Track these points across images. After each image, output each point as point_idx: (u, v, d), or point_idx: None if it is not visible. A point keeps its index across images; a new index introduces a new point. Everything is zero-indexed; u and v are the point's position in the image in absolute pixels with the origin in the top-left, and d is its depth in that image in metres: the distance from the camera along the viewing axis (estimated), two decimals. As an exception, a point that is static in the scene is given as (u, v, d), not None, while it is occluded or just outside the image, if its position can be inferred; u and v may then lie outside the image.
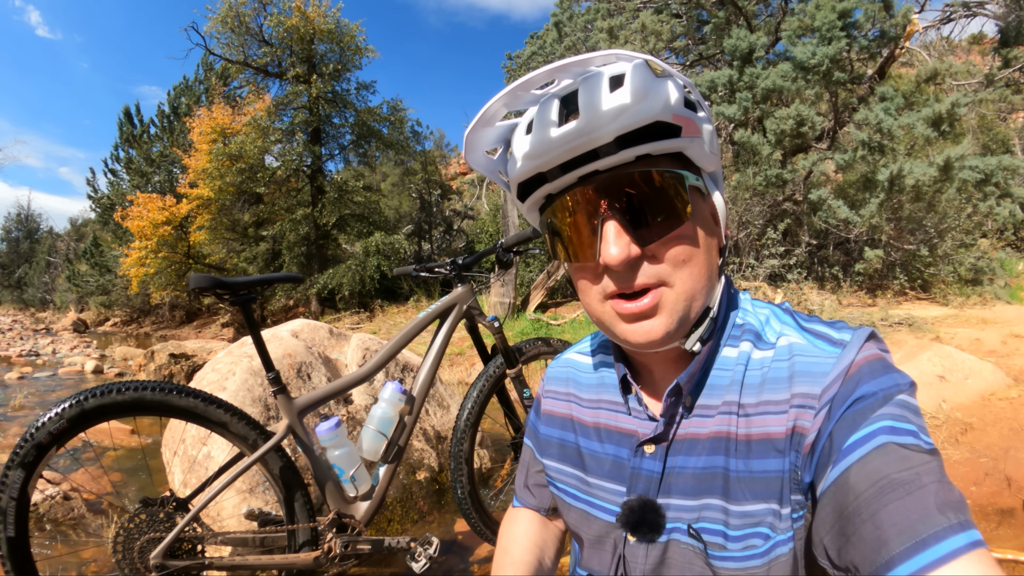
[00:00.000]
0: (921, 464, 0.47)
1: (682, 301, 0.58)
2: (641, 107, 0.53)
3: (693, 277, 0.58)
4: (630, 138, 0.55)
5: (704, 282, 0.60)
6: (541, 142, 0.58)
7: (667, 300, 0.58)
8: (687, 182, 0.58)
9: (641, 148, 0.55)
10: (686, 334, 0.61)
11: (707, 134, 0.60)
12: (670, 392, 0.63)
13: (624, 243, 0.56)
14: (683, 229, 0.57)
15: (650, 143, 0.55)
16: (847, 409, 0.53)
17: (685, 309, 0.59)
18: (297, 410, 1.65)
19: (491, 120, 0.62)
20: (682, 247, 0.58)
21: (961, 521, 0.44)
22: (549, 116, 0.57)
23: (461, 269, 2.03)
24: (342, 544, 1.66)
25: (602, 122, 0.54)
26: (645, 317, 0.58)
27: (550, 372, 0.88)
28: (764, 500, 0.57)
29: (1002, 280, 7.17)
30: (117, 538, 1.47)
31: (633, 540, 0.65)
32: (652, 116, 0.54)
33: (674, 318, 0.58)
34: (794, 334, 0.62)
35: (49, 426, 1.37)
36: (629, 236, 0.57)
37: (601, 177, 0.57)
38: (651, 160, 0.57)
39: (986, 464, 2.72)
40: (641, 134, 0.55)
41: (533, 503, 0.89)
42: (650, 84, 0.53)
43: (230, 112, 15.16)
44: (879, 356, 0.56)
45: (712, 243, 0.62)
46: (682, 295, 0.58)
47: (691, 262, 0.58)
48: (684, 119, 0.56)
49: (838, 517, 0.49)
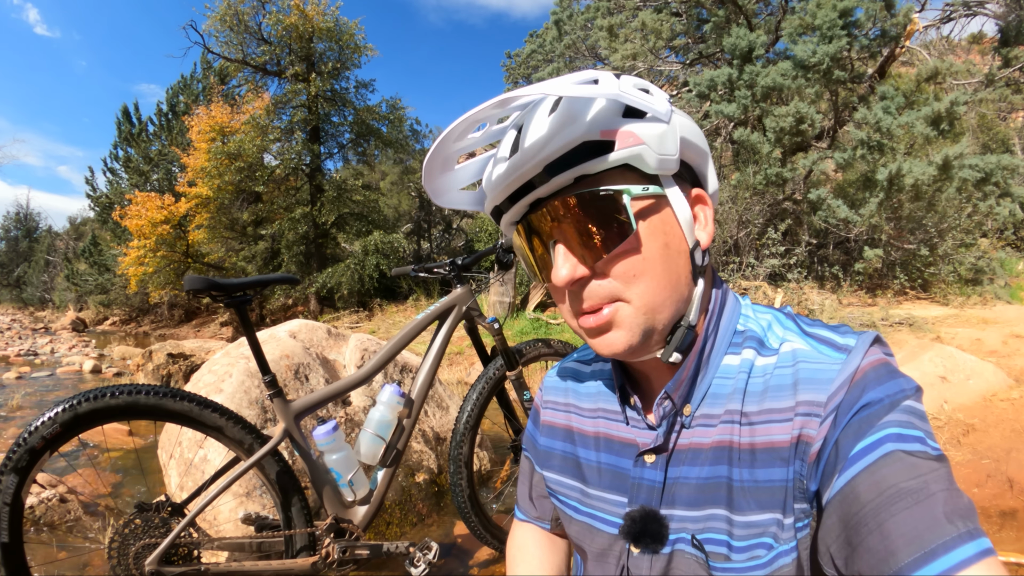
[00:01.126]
0: (929, 472, 0.46)
1: (641, 315, 0.58)
2: (562, 133, 0.54)
3: (650, 290, 0.57)
4: (558, 164, 0.56)
5: (665, 293, 0.58)
6: (489, 179, 0.62)
7: (624, 315, 0.58)
8: (628, 196, 0.56)
9: (571, 172, 0.56)
10: (661, 345, 0.61)
11: (655, 139, 0.56)
12: (659, 400, 0.63)
13: (571, 264, 0.57)
14: (627, 244, 0.56)
15: (579, 165, 0.55)
16: (853, 416, 0.52)
17: (647, 323, 0.58)
18: (294, 414, 1.63)
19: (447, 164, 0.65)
20: (630, 262, 0.57)
21: (970, 530, 0.43)
22: (501, 151, 0.61)
23: (460, 269, 2.01)
24: (340, 549, 1.64)
25: (530, 154, 0.56)
26: (605, 331, 0.59)
27: (548, 382, 0.86)
28: (768, 510, 0.56)
29: (1002, 280, 7.17)
30: (112, 544, 1.45)
31: (636, 552, 0.64)
32: (576, 139, 0.54)
33: (635, 332, 0.58)
34: (797, 340, 0.61)
35: (42, 430, 1.36)
36: (576, 257, 0.58)
37: (546, 203, 0.59)
38: (592, 179, 0.57)
39: (988, 466, 2.71)
40: (570, 157, 0.55)
41: (536, 515, 0.88)
42: (574, 108, 0.54)
43: (229, 111, 15.13)
44: (884, 361, 0.55)
45: (675, 251, 0.59)
46: (640, 309, 0.58)
47: (644, 275, 0.57)
48: (618, 133, 0.55)
49: (845, 527, 0.49)
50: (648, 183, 0.58)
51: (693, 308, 0.61)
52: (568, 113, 0.54)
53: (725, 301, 0.66)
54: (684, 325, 0.61)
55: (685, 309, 0.61)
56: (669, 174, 0.59)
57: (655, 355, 0.62)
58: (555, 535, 0.88)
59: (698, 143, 0.62)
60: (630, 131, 0.55)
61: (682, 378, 0.62)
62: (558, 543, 0.87)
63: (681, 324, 0.61)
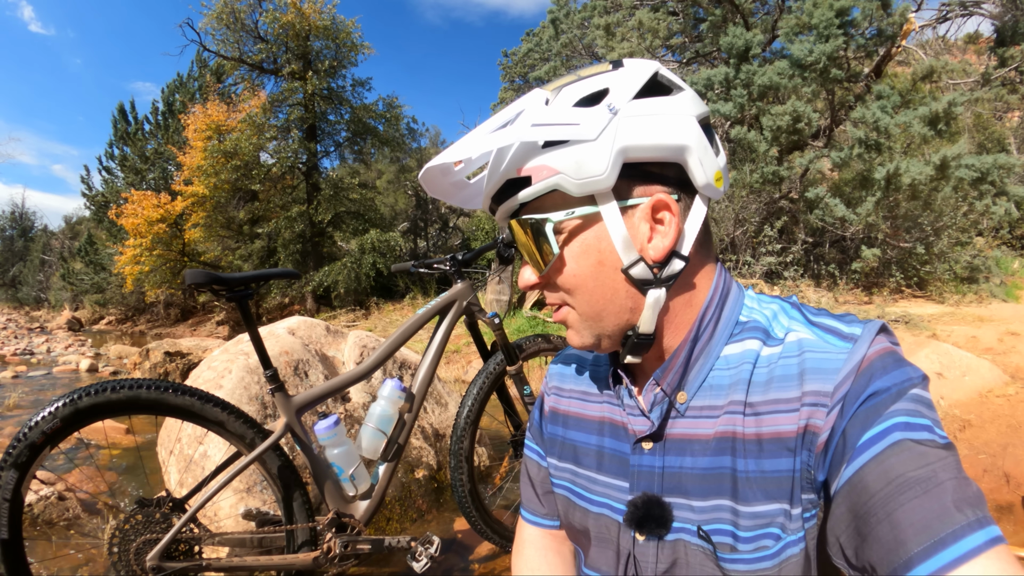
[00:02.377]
0: (937, 460, 0.46)
1: (585, 321, 0.64)
2: (495, 174, 0.63)
3: (586, 302, 0.63)
4: (499, 196, 0.65)
5: (600, 306, 0.62)
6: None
7: (574, 319, 0.66)
8: (551, 223, 0.61)
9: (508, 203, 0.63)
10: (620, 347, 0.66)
11: (572, 166, 0.56)
12: (648, 386, 0.65)
13: (528, 271, 0.67)
14: (555, 264, 0.63)
15: (509, 199, 0.63)
16: (860, 406, 0.52)
17: (592, 328, 0.64)
18: (295, 408, 1.63)
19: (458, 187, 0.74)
20: (563, 278, 0.63)
21: (980, 518, 0.43)
22: None
23: (461, 265, 2.01)
24: (341, 544, 1.64)
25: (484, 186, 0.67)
26: (565, 327, 0.68)
27: (554, 369, 0.86)
28: (775, 500, 0.56)
29: (998, 278, 7.20)
30: (113, 540, 1.45)
31: (642, 539, 0.64)
32: (501, 178, 0.63)
33: (584, 334, 0.66)
34: (803, 329, 0.60)
35: (42, 425, 1.35)
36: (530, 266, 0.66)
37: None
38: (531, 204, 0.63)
39: (984, 461, 2.73)
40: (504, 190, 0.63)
41: (545, 512, 0.85)
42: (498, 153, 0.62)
43: (225, 109, 15.05)
44: (890, 350, 0.55)
45: (608, 268, 0.60)
46: (583, 316, 0.64)
47: (578, 290, 0.63)
48: (532, 168, 0.60)
49: (854, 516, 0.49)
50: (577, 205, 0.59)
51: (644, 319, 0.61)
52: (498, 155, 0.62)
53: (727, 292, 0.65)
54: (632, 335, 0.63)
55: (634, 319, 0.62)
56: (602, 191, 0.58)
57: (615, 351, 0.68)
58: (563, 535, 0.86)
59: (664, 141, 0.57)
60: (543, 164, 0.59)
61: (671, 366, 0.63)
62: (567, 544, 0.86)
63: (630, 334, 0.63)
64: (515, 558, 0.88)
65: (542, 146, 0.58)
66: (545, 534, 0.86)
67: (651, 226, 0.60)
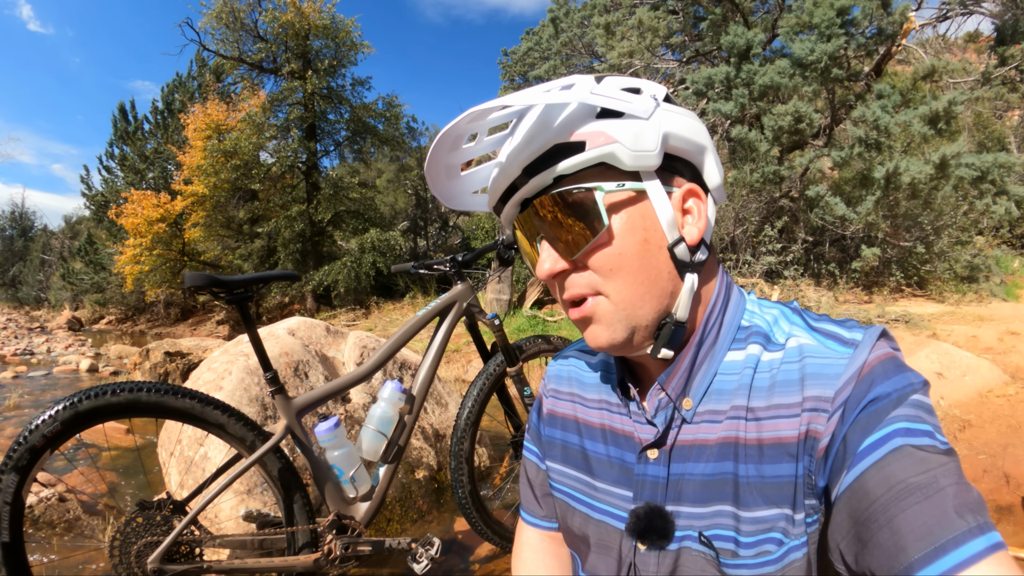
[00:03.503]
0: (938, 466, 0.46)
1: (620, 310, 0.60)
2: (537, 138, 0.58)
3: (627, 285, 0.59)
4: (534, 166, 0.60)
5: (643, 289, 0.59)
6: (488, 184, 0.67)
7: (604, 310, 0.60)
8: (601, 192, 0.58)
9: (547, 173, 0.59)
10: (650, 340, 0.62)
11: (629, 136, 0.57)
12: (653, 392, 0.64)
13: (553, 258, 0.61)
14: (600, 239, 0.59)
15: (553, 166, 0.58)
16: (861, 411, 0.52)
17: (626, 318, 0.60)
18: (295, 410, 1.63)
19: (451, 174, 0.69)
20: (605, 256, 0.59)
21: (980, 524, 0.43)
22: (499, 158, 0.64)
23: (461, 266, 2.00)
24: (342, 546, 1.64)
25: (511, 158, 0.61)
26: (589, 323, 0.62)
27: (552, 371, 0.86)
28: (777, 505, 0.56)
29: (998, 277, 7.20)
30: (114, 542, 1.44)
31: (643, 549, 0.64)
32: (548, 142, 0.58)
33: (615, 327, 0.60)
34: (804, 335, 0.60)
35: (43, 429, 1.35)
36: (557, 251, 0.61)
37: (531, 202, 0.63)
38: (571, 177, 0.60)
39: (984, 461, 2.73)
40: (545, 159, 0.59)
41: (543, 514, 0.86)
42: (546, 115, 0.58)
43: (225, 108, 15.01)
44: (891, 355, 0.55)
45: (652, 247, 0.59)
46: (619, 304, 0.60)
47: (621, 271, 0.59)
48: (587, 134, 0.57)
49: (854, 522, 0.49)
50: (626, 179, 0.59)
51: (681, 304, 0.61)
52: (543, 119, 0.58)
53: (729, 296, 0.65)
54: (669, 322, 0.61)
55: (671, 305, 0.61)
56: (650, 169, 0.59)
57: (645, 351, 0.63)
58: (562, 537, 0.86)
59: (692, 137, 0.61)
60: (600, 131, 0.57)
61: (675, 371, 0.63)
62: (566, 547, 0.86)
63: (667, 321, 0.61)
64: (514, 560, 0.88)
65: (597, 115, 0.58)
66: (544, 536, 0.86)
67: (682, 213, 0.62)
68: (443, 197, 0.70)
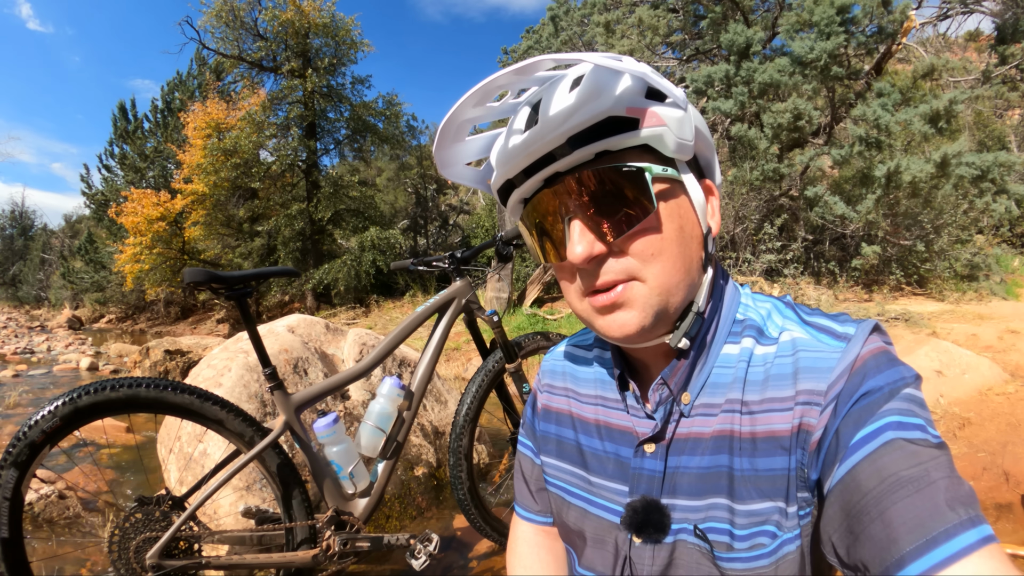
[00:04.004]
0: (930, 459, 0.46)
1: (655, 295, 0.57)
2: (589, 106, 0.53)
3: (666, 271, 0.57)
4: (582, 137, 0.55)
5: (680, 276, 0.58)
6: (504, 150, 0.59)
7: (639, 294, 0.57)
8: (650, 174, 0.56)
9: (595, 146, 0.55)
10: (669, 330, 0.61)
11: (675, 122, 0.56)
12: (655, 386, 0.63)
13: (588, 241, 0.56)
14: (647, 222, 0.56)
15: (604, 139, 0.55)
16: (853, 405, 0.52)
17: (660, 304, 0.57)
18: (294, 406, 1.63)
19: (459, 135, 0.62)
20: (648, 240, 0.56)
21: (972, 516, 0.43)
22: (516, 124, 0.58)
23: (460, 263, 2.01)
24: (341, 542, 1.64)
25: (553, 125, 0.54)
26: (617, 308, 0.58)
27: (546, 366, 0.86)
28: (770, 498, 0.57)
29: (998, 276, 7.19)
30: (113, 537, 1.45)
31: (639, 542, 0.64)
32: (602, 112, 0.54)
33: (648, 312, 0.57)
34: (797, 328, 0.61)
35: (42, 424, 1.35)
36: (593, 234, 0.57)
37: (564, 177, 0.57)
38: (613, 156, 0.56)
39: (984, 459, 2.72)
40: (595, 131, 0.55)
41: (538, 509, 0.86)
42: (602, 82, 0.53)
43: (225, 107, 15.02)
44: (884, 349, 0.56)
45: (689, 235, 0.59)
46: (655, 289, 0.57)
47: (661, 255, 0.57)
48: (641, 111, 0.55)
49: (846, 515, 0.49)
50: (666, 166, 0.58)
51: (703, 294, 0.61)
52: (595, 87, 0.52)
53: (725, 290, 0.66)
54: (695, 311, 0.61)
55: (695, 295, 0.61)
56: (685, 160, 0.60)
57: (662, 340, 0.61)
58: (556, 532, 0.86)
59: (708, 136, 0.63)
60: (655, 111, 0.56)
61: (679, 365, 0.62)
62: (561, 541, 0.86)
63: (692, 310, 0.61)
64: (509, 555, 0.88)
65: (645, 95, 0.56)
66: (539, 530, 0.85)
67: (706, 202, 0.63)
68: (440, 161, 0.66)
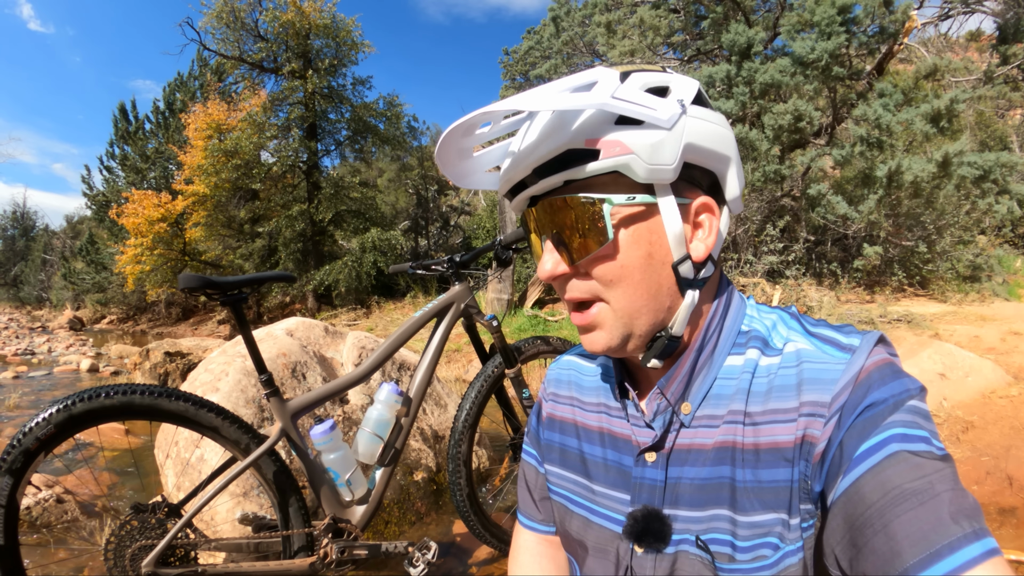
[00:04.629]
0: (934, 472, 0.46)
1: (620, 319, 0.60)
2: (549, 140, 0.56)
3: (627, 296, 0.59)
4: (547, 168, 0.58)
5: (642, 301, 0.59)
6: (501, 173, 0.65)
7: (606, 316, 0.60)
8: (609, 204, 0.56)
9: (558, 176, 0.57)
10: (643, 349, 0.62)
11: (646, 148, 0.55)
12: (652, 396, 0.64)
13: (554, 260, 0.61)
14: (604, 250, 0.58)
15: (565, 171, 0.57)
16: (857, 417, 0.52)
17: (624, 327, 0.60)
18: (291, 413, 1.62)
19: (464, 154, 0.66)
20: (606, 267, 0.59)
21: (976, 529, 0.43)
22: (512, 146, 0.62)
23: (459, 266, 1.99)
24: (338, 549, 1.63)
25: (520, 158, 0.59)
26: (590, 329, 0.62)
27: (552, 375, 0.86)
28: (773, 510, 0.56)
29: (1000, 277, 7.17)
30: (108, 545, 1.44)
31: (640, 551, 0.64)
32: (561, 146, 0.56)
33: (614, 334, 0.60)
34: (801, 340, 0.60)
35: (36, 431, 1.34)
36: (560, 254, 0.61)
37: (540, 199, 0.61)
38: (581, 183, 0.58)
39: (987, 463, 2.71)
40: (558, 163, 0.57)
41: (541, 518, 0.86)
42: (560, 118, 0.56)
43: (225, 108, 15.02)
44: (888, 361, 0.55)
45: (656, 262, 0.58)
46: (619, 312, 0.59)
47: (621, 282, 0.58)
48: (604, 142, 0.55)
49: (849, 528, 0.48)
50: (638, 191, 0.57)
51: (678, 319, 0.60)
52: (558, 120, 0.56)
53: (731, 302, 0.65)
54: (664, 336, 0.61)
55: (668, 318, 0.61)
56: (665, 183, 0.58)
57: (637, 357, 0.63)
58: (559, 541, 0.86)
59: (715, 148, 0.59)
60: (617, 140, 0.55)
61: (675, 375, 0.63)
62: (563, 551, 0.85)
63: (661, 334, 0.61)
64: (511, 564, 0.88)
65: (615, 122, 0.56)
66: (541, 539, 0.86)
67: (692, 227, 0.61)
68: (454, 177, 0.68)
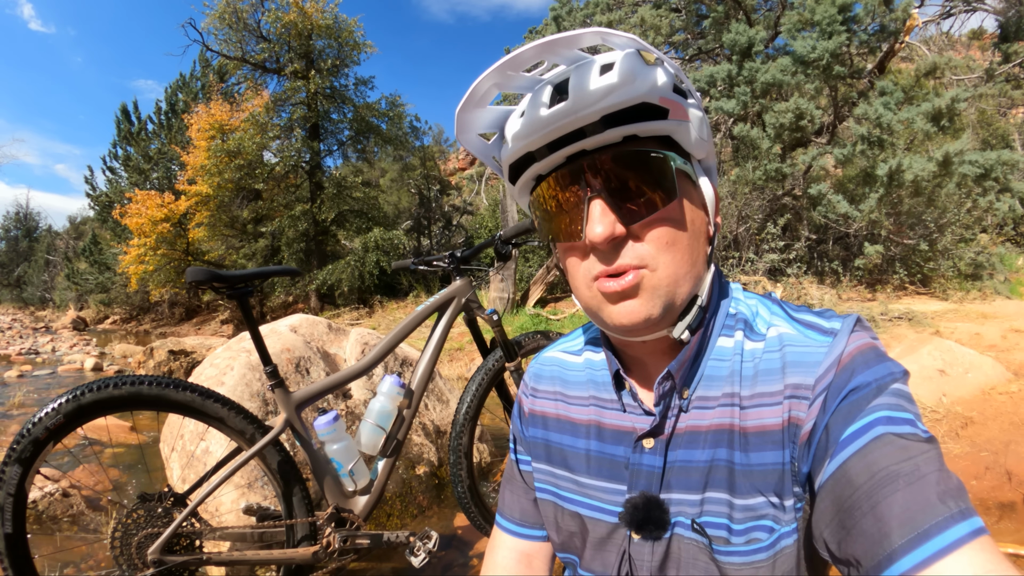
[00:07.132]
0: (920, 454, 0.47)
1: (664, 285, 0.57)
2: (628, 88, 0.53)
3: (676, 261, 0.57)
4: (616, 118, 0.55)
5: (688, 267, 0.59)
6: (530, 122, 0.58)
7: (649, 283, 0.57)
8: (674, 164, 0.57)
9: (627, 128, 0.55)
10: (673, 323, 0.61)
11: (696, 120, 0.59)
12: (661, 380, 0.62)
13: (609, 221, 0.56)
14: (668, 211, 0.57)
15: (636, 123, 0.55)
16: (842, 400, 0.53)
17: (668, 294, 0.58)
18: (295, 404, 1.64)
19: (482, 101, 0.61)
20: (666, 229, 0.57)
21: (962, 509, 0.43)
22: (541, 99, 0.57)
23: (459, 262, 2.01)
24: (341, 539, 1.65)
25: (589, 101, 0.53)
26: (628, 297, 0.58)
27: (533, 370, 0.84)
28: (765, 493, 0.57)
29: (1001, 275, 7.16)
30: (115, 533, 1.46)
31: (638, 538, 0.64)
32: (639, 96, 0.54)
33: (656, 302, 0.57)
34: (784, 324, 0.62)
35: (46, 421, 1.36)
36: (615, 215, 0.56)
37: (588, 156, 0.57)
38: (638, 141, 0.57)
39: (987, 458, 2.72)
40: (627, 115, 0.55)
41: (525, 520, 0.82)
42: (638, 68, 0.53)
43: (228, 108, 15.06)
44: (871, 345, 0.56)
45: (699, 230, 0.61)
46: (664, 279, 0.57)
47: (675, 246, 0.57)
48: (671, 102, 0.56)
49: (838, 510, 0.49)
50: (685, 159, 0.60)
51: (705, 289, 0.62)
52: (634, 71, 0.53)
53: (722, 281, 0.68)
54: (699, 304, 0.61)
55: (699, 289, 0.62)
56: (698, 158, 0.62)
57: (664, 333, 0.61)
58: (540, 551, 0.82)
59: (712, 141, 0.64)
60: (680, 104, 0.57)
61: (685, 358, 0.62)
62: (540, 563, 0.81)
63: (696, 303, 0.61)
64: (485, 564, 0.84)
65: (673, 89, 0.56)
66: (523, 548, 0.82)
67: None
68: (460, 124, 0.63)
